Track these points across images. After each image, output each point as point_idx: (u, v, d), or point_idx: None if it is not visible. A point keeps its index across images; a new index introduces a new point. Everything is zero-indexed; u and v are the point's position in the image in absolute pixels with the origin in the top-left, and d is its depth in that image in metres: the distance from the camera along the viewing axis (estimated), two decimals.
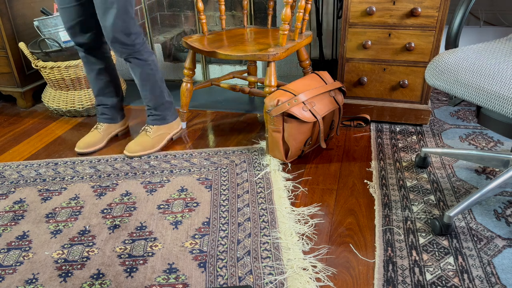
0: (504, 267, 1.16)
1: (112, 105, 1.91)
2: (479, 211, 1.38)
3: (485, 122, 1.27)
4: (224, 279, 1.16)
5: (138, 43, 1.65)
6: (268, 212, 1.41)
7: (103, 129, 1.91)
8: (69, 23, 1.67)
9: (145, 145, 1.79)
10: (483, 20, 2.49)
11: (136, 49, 1.65)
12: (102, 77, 1.84)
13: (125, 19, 1.56)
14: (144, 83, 1.74)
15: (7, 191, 1.60)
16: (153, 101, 1.78)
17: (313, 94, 1.63)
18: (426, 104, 1.91)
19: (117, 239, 1.32)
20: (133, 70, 1.72)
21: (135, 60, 1.68)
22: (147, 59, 1.70)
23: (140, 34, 1.66)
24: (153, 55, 1.74)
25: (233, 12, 2.63)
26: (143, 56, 1.69)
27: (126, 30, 1.58)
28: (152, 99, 1.78)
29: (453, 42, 1.30)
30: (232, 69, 2.52)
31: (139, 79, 1.73)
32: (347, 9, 1.82)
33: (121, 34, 1.58)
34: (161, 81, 1.77)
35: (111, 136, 1.95)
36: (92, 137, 1.88)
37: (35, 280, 1.18)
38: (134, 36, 1.62)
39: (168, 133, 1.86)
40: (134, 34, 1.62)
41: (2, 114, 2.32)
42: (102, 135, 1.90)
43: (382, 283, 1.13)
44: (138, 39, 1.65)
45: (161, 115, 1.81)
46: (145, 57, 1.69)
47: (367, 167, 1.66)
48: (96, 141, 1.87)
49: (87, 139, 1.87)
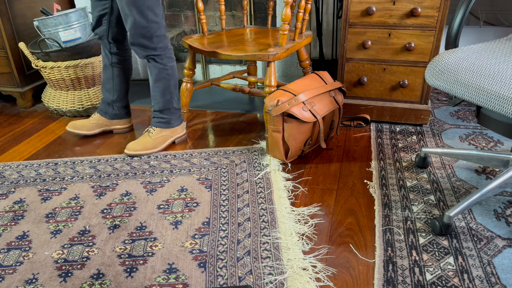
0: (504, 267, 1.16)
1: (106, 100, 1.94)
2: (479, 211, 1.38)
3: (485, 122, 1.27)
4: (224, 279, 1.15)
5: (160, 47, 1.68)
6: (268, 212, 1.41)
7: (94, 118, 1.98)
8: (94, 13, 1.78)
9: (146, 145, 1.79)
10: (483, 20, 2.49)
11: (157, 53, 1.68)
12: (107, 72, 1.90)
13: (143, 25, 1.60)
14: (157, 84, 1.75)
15: (7, 191, 1.60)
16: (160, 104, 1.79)
17: (313, 94, 1.63)
18: (426, 104, 1.91)
19: (117, 239, 1.32)
20: (150, 69, 1.74)
21: (153, 62, 1.71)
22: (166, 64, 1.72)
23: (165, 38, 1.69)
24: (173, 61, 1.76)
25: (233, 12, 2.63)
26: (163, 60, 1.71)
27: (147, 34, 1.62)
28: (161, 102, 1.78)
29: (453, 42, 1.30)
30: (232, 69, 2.52)
31: (153, 79, 1.75)
32: (347, 9, 1.82)
33: (141, 38, 1.63)
34: (174, 87, 1.79)
35: (102, 129, 1.99)
36: (81, 122, 1.97)
37: (35, 280, 1.18)
38: (156, 39, 1.65)
39: (171, 136, 1.86)
40: (156, 37, 1.65)
41: (2, 114, 2.32)
42: (91, 124, 1.97)
43: (382, 283, 1.13)
44: (161, 43, 1.67)
45: (166, 118, 1.82)
46: (164, 62, 1.72)
47: (367, 167, 1.66)
48: (82, 126, 1.96)
49: (77, 122, 1.97)
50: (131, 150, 1.78)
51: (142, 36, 1.63)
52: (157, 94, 1.77)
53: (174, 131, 1.86)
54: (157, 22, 1.63)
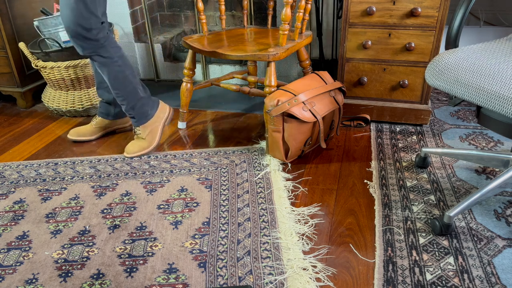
0: (504, 267, 1.16)
1: (107, 100, 1.91)
2: (479, 211, 1.38)
3: (485, 122, 1.27)
4: (224, 279, 1.15)
5: (101, 38, 1.55)
6: (268, 212, 1.41)
7: (96, 122, 1.95)
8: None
9: (142, 145, 1.78)
10: (483, 20, 2.49)
11: (100, 45, 1.56)
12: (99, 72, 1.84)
13: (83, 13, 1.48)
14: (114, 82, 1.64)
15: (7, 191, 1.60)
16: (127, 100, 1.69)
17: (313, 94, 1.63)
18: (426, 104, 1.91)
19: (117, 239, 1.32)
20: (101, 70, 1.63)
21: (100, 58, 1.59)
22: (112, 56, 1.60)
23: (103, 28, 1.56)
24: (120, 50, 1.64)
25: (233, 12, 2.63)
26: (109, 52, 1.59)
27: (85, 25, 1.50)
28: (126, 98, 1.69)
29: (453, 42, 1.30)
30: (232, 69, 2.52)
31: (108, 78, 1.64)
32: (347, 9, 1.82)
33: (79, 27, 1.49)
34: (132, 77, 1.67)
35: (105, 131, 1.97)
36: (83, 128, 1.94)
37: (35, 280, 1.18)
38: (95, 31, 1.53)
39: (158, 125, 1.80)
40: (95, 29, 1.53)
41: (2, 114, 2.32)
42: (94, 128, 1.94)
43: (382, 283, 1.13)
44: (101, 34, 1.55)
45: (140, 113, 1.74)
46: (111, 54, 1.60)
47: (367, 167, 1.66)
48: (85, 132, 1.93)
49: (79, 129, 1.94)
50: (130, 152, 1.78)
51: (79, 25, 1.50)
52: (119, 92, 1.67)
53: (157, 118, 1.79)
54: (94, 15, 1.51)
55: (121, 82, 1.66)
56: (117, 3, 2.48)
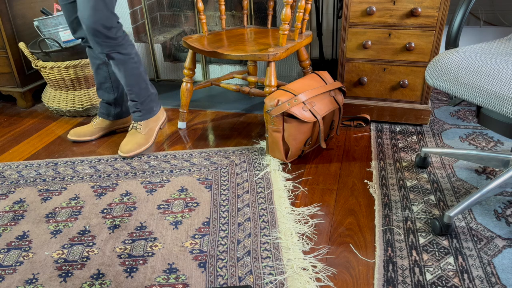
0: (504, 267, 1.16)
1: (108, 101, 1.92)
2: (479, 211, 1.38)
3: (485, 122, 1.27)
4: (224, 279, 1.15)
5: (120, 36, 1.62)
6: (268, 212, 1.41)
7: (96, 123, 1.96)
8: (69, 19, 1.72)
9: (140, 142, 1.78)
10: (483, 20, 2.49)
11: (119, 43, 1.62)
12: (101, 72, 1.86)
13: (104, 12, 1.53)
14: (130, 78, 1.70)
15: (7, 191, 1.60)
16: (140, 96, 1.75)
17: (313, 94, 1.63)
18: (426, 104, 1.91)
19: (117, 239, 1.32)
20: (118, 67, 1.68)
21: (118, 55, 1.64)
22: (130, 53, 1.67)
23: (120, 27, 1.63)
24: (135, 47, 1.71)
25: (233, 12, 2.63)
26: (126, 49, 1.65)
27: (106, 24, 1.55)
28: (139, 93, 1.75)
29: (453, 42, 1.30)
30: (232, 69, 2.52)
31: (125, 75, 1.69)
32: (347, 9, 1.82)
33: (101, 27, 1.54)
34: (144, 73, 1.75)
35: (106, 131, 1.98)
36: (83, 128, 1.95)
37: (35, 280, 1.18)
38: (115, 29, 1.59)
39: (156, 125, 1.85)
40: (115, 28, 1.59)
41: (2, 114, 2.32)
42: (94, 128, 1.95)
43: (382, 283, 1.13)
44: (119, 32, 1.62)
45: (148, 108, 1.79)
46: (128, 51, 1.66)
47: (367, 167, 1.66)
48: (85, 133, 1.94)
49: (79, 129, 1.95)
50: (126, 151, 1.76)
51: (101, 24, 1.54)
52: (133, 88, 1.72)
53: (157, 119, 1.85)
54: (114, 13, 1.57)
55: (136, 78, 1.72)
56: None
